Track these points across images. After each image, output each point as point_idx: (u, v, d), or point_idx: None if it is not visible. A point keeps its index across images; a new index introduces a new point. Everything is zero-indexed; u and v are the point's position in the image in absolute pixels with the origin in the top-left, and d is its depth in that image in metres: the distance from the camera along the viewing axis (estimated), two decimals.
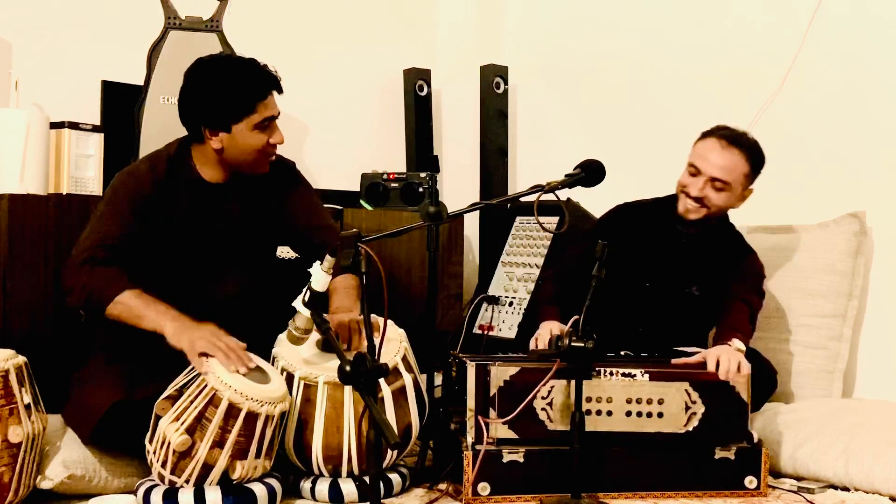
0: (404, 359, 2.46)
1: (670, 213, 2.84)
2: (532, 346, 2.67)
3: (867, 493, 2.44)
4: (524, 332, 3.32)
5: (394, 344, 2.46)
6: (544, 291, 3.04)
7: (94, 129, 3.00)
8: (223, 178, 2.59)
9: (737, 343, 2.54)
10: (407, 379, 2.44)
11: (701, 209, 2.75)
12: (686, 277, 2.84)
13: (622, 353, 2.67)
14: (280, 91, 2.55)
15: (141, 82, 3.12)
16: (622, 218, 2.92)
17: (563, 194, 2.66)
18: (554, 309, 2.81)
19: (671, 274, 2.83)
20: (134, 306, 2.36)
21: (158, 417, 2.22)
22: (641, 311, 2.83)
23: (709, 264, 2.83)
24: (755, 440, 2.47)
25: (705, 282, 2.83)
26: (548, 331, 2.66)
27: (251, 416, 2.20)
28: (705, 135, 2.79)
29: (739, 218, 3.28)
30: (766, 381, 2.77)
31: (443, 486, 2.48)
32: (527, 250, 3.64)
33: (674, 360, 2.53)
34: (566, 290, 2.86)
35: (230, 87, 2.46)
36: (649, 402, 2.43)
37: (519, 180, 4.18)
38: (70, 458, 2.30)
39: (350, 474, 2.38)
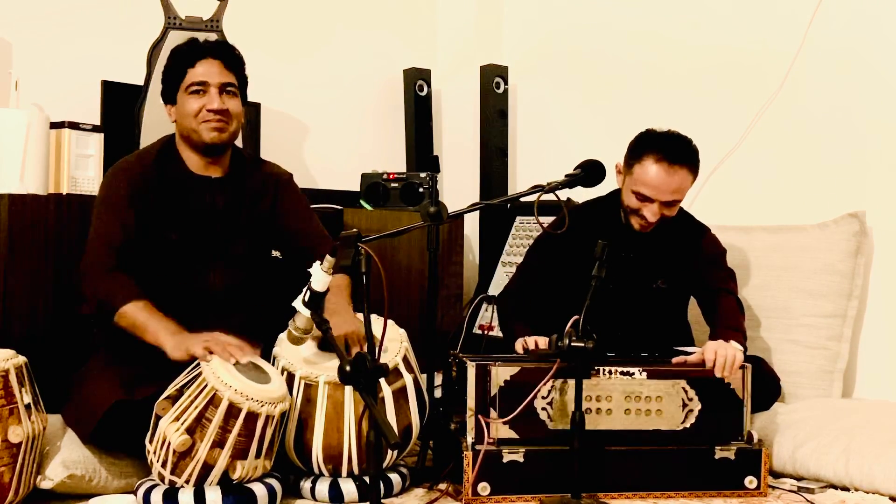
0: (405, 359, 2.46)
1: (617, 210, 2.81)
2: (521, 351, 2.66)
3: (867, 492, 2.44)
4: None
5: (394, 344, 2.46)
6: (506, 308, 2.94)
7: (94, 129, 3.00)
8: (204, 166, 2.62)
9: (734, 344, 2.54)
10: (407, 379, 2.44)
11: (656, 223, 2.72)
12: (649, 272, 2.81)
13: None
14: (220, 58, 2.58)
15: (141, 82, 3.12)
16: (570, 222, 2.66)
17: (563, 194, 2.66)
18: (522, 325, 2.77)
19: (633, 271, 2.79)
20: (137, 321, 2.40)
21: (158, 417, 2.22)
22: (614, 314, 2.71)
23: (669, 254, 2.81)
24: (755, 440, 2.47)
25: (670, 273, 2.81)
26: (531, 341, 2.63)
27: (251, 416, 2.20)
28: (642, 156, 2.68)
29: (740, 218, 3.29)
30: (770, 389, 2.77)
31: (443, 486, 2.48)
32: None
33: (674, 360, 2.53)
34: (526, 303, 2.86)
35: (170, 60, 2.63)
36: (647, 399, 2.44)
37: (519, 180, 4.18)
38: (70, 458, 2.30)
39: (350, 474, 2.38)
